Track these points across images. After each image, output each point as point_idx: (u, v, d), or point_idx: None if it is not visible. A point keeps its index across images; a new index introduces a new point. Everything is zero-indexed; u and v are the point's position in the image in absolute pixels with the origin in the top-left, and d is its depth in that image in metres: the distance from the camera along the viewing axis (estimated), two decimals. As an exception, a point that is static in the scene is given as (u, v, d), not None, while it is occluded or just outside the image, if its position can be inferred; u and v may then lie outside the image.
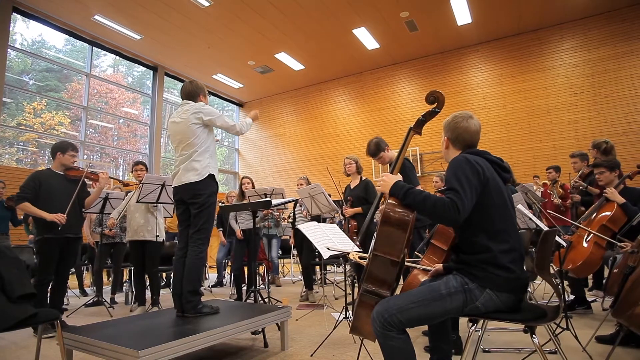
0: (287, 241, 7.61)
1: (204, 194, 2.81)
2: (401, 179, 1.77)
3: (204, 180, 2.82)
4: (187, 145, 2.87)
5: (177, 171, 2.91)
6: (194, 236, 2.81)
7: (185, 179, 2.82)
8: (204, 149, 2.88)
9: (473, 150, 1.81)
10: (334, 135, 12.15)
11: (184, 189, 2.85)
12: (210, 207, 2.84)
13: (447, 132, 1.89)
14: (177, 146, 2.96)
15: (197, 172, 2.81)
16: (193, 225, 2.83)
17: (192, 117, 2.86)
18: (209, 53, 10.22)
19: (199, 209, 2.81)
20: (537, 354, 2.49)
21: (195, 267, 2.77)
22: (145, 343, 2.04)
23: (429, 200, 1.60)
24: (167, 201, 3.97)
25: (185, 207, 2.91)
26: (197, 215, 2.82)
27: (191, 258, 2.77)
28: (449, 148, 1.89)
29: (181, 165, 2.88)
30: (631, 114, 8.47)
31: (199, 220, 2.81)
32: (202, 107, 2.91)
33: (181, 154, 2.90)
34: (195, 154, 2.84)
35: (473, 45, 10.10)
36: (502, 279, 1.61)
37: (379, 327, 1.59)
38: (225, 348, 2.91)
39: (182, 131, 2.88)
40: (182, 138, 2.90)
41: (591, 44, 8.98)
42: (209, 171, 2.85)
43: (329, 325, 3.51)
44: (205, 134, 2.91)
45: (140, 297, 4.29)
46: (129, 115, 11.63)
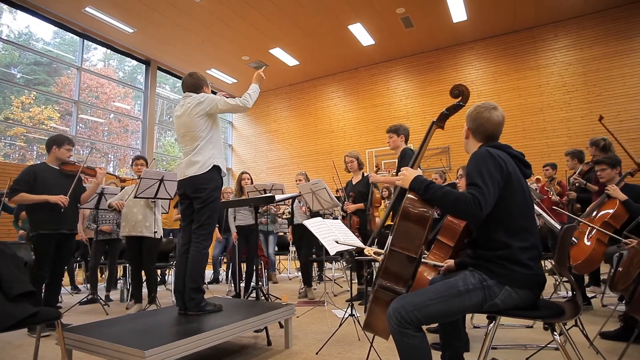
0: (284, 238, 7.56)
1: (207, 188, 2.75)
2: (422, 173, 1.73)
3: (207, 173, 2.75)
4: (191, 138, 2.82)
5: (181, 164, 2.86)
6: (197, 232, 2.75)
7: (189, 172, 2.76)
8: (207, 141, 2.81)
9: (495, 144, 1.76)
10: (328, 132, 12.10)
11: (187, 183, 2.79)
12: (214, 202, 2.78)
13: (468, 122, 1.84)
14: (181, 139, 2.91)
15: (200, 165, 2.75)
16: (196, 220, 2.77)
17: (194, 109, 2.80)
18: (203, 48, 10.07)
19: (202, 204, 2.75)
20: (544, 351, 2.52)
21: (199, 263, 2.72)
22: (150, 343, 1.99)
23: (450, 196, 1.56)
24: (165, 196, 3.89)
25: (189, 202, 2.84)
26: (200, 210, 2.76)
27: (194, 254, 2.72)
28: (469, 138, 1.85)
29: (185, 157, 2.83)
30: (622, 113, 8.57)
31: (202, 216, 2.75)
32: (202, 98, 2.84)
33: (185, 147, 2.86)
34: (199, 146, 2.78)
35: (468, 42, 10.11)
36: (521, 276, 1.58)
37: (396, 324, 1.56)
38: (228, 346, 2.86)
39: (185, 124, 2.83)
40: (185, 131, 2.84)
41: (584, 43, 9.05)
42: (213, 162, 2.78)
43: (331, 322, 3.49)
44: (208, 126, 2.84)
45: (136, 294, 4.21)
46: (121, 110, 11.43)
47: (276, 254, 6.92)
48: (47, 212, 3.32)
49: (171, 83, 12.43)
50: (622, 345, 2.61)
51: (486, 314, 1.67)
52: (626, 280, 2.37)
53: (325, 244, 2.74)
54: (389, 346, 2.60)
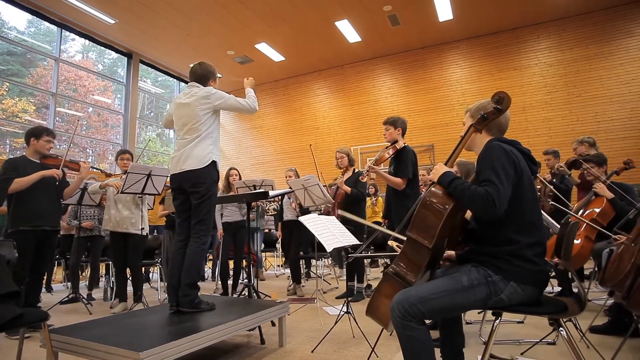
0: (269, 234, 7.50)
1: (205, 183, 2.68)
2: (453, 171, 1.73)
3: (206, 167, 2.68)
4: (190, 130, 2.74)
5: (176, 156, 2.75)
6: (196, 227, 2.68)
7: (186, 165, 2.68)
8: (206, 135, 2.73)
9: (505, 139, 1.75)
10: (313, 128, 12.06)
11: (183, 177, 2.70)
12: (212, 197, 2.72)
13: (478, 114, 1.80)
14: (180, 129, 2.81)
15: (198, 159, 2.67)
16: (194, 216, 2.70)
17: (201, 102, 2.73)
18: (187, 41, 9.86)
19: (200, 199, 2.67)
20: (537, 345, 2.56)
21: (197, 258, 2.66)
22: (144, 343, 1.91)
23: (468, 191, 1.57)
24: (152, 192, 3.77)
25: (184, 197, 2.76)
26: (198, 205, 2.68)
27: (193, 249, 2.65)
28: (482, 132, 1.82)
29: (182, 149, 2.73)
30: (600, 114, 8.83)
31: (201, 211, 2.68)
32: (212, 92, 2.78)
33: (183, 138, 2.76)
34: (198, 139, 2.70)
35: (453, 41, 10.22)
36: (527, 272, 1.59)
37: (398, 316, 1.56)
38: (221, 346, 2.79)
39: (188, 114, 2.75)
40: (186, 121, 2.76)
41: (565, 45, 9.27)
42: (211, 158, 2.71)
43: (324, 320, 3.46)
44: (211, 120, 2.78)
45: (121, 292, 4.08)
46: (100, 104, 11.09)
47: (262, 251, 6.85)
48: (28, 207, 3.17)
49: (153, 77, 12.14)
50: (611, 338, 2.69)
51: (491, 310, 1.66)
52: (617, 275, 2.42)
53: (321, 241, 2.71)
54: (383, 343, 2.59)
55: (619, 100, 8.73)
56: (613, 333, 2.78)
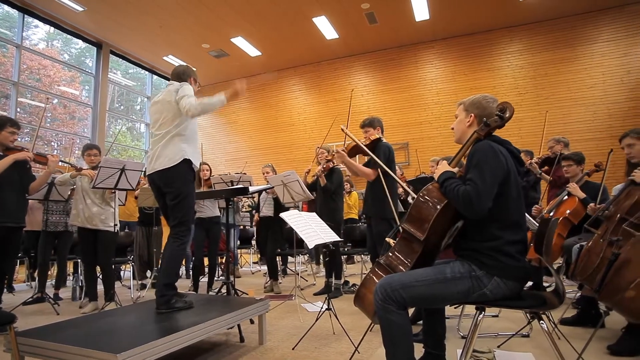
0: (245, 231, 7.41)
1: (176, 182, 2.61)
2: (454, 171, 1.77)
3: (176, 166, 2.59)
4: (161, 125, 2.68)
5: (150, 155, 2.71)
6: (175, 229, 2.62)
7: (158, 165, 2.61)
8: (177, 131, 2.65)
9: (497, 138, 1.79)
10: (288, 125, 11.98)
11: (156, 177, 2.65)
12: (188, 197, 2.65)
13: (473, 110, 1.86)
14: (153, 125, 2.76)
15: (169, 158, 2.60)
16: (172, 217, 2.65)
17: (172, 96, 2.66)
18: (161, 33, 9.56)
19: (175, 200, 2.61)
20: (513, 338, 2.64)
21: (175, 258, 2.59)
22: (122, 345, 1.83)
23: (453, 192, 1.64)
24: (126, 187, 3.63)
25: (162, 198, 2.72)
26: (174, 207, 2.62)
27: (171, 249, 2.59)
28: (472, 125, 1.86)
29: (154, 147, 2.67)
30: (567, 116, 9.19)
31: (178, 212, 2.62)
32: (181, 86, 2.70)
33: (155, 135, 2.70)
34: (169, 136, 2.63)
35: (429, 41, 10.36)
36: (510, 267, 1.63)
37: (380, 299, 1.62)
38: (200, 345, 2.72)
39: (160, 110, 2.69)
40: (158, 117, 2.70)
41: (535, 48, 9.58)
42: (183, 156, 2.61)
43: (303, 317, 3.44)
44: (180, 117, 2.67)
45: (91, 292, 3.91)
46: (67, 95, 10.59)
47: (238, 247, 6.76)
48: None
49: (123, 69, 11.70)
50: (580, 330, 2.81)
51: (475, 304, 1.70)
52: (586, 270, 2.53)
53: (303, 237, 2.69)
54: (365, 339, 2.60)
55: (583, 103, 9.12)
56: (582, 324, 2.91)
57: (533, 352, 2.39)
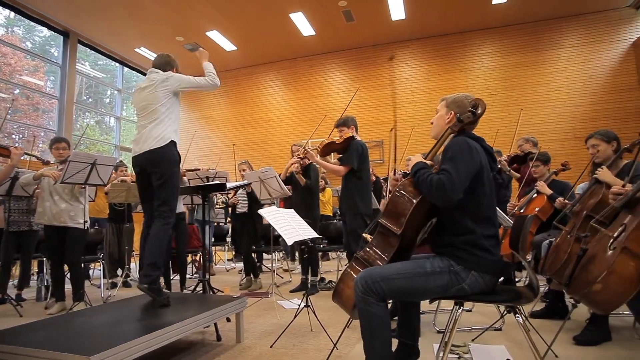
0: (219, 228, 7.31)
1: (165, 162, 2.64)
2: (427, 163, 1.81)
3: (165, 146, 2.64)
4: (150, 112, 2.71)
5: (136, 139, 2.73)
6: (159, 209, 2.61)
7: (146, 146, 2.63)
8: (166, 116, 2.71)
9: (472, 135, 1.84)
10: (264, 121, 11.87)
11: (143, 157, 2.65)
12: (173, 178, 2.67)
13: (456, 107, 1.90)
14: (140, 113, 2.77)
15: (157, 139, 2.64)
16: (157, 197, 2.64)
17: (161, 85, 2.73)
18: (133, 23, 9.23)
19: (161, 180, 2.61)
20: (487, 331, 2.72)
21: (160, 238, 2.58)
22: (94, 346, 1.77)
23: (426, 181, 1.67)
24: (97, 182, 3.49)
25: (147, 180, 2.69)
26: (160, 186, 2.62)
27: (156, 229, 2.58)
28: (450, 123, 1.90)
29: (142, 131, 2.70)
30: (534, 117, 9.53)
31: (163, 192, 2.62)
32: (170, 75, 2.81)
33: (142, 122, 2.72)
34: (157, 121, 2.68)
35: (405, 40, 10.48)
36: (487, 261, 1.68)
37: (360, 291, 1.64)
38: (176, 344, 2.65)
39: (147, 98, 2.73)
40: (146, 105, 2.73)
41: (506, 51, 9.88)
42: (170, 137, 2.69)
43: (280, 314, 3.43)
44: (170, 102, 2.76)
45: (58, 291, 3.76)
46: (30, 85, 10.07)
47: (212, 244, 6.66)
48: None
49: (92, 60, 11.23)
50: (548, 322, 2.93)
51: (453, 299, 1.74)
52: (555, 265, 2.64)
53: (282, 234, 2.67)
54: (343, 335, 2.61)
55: (549, 105, 9.49)
56: (550, 317, 3.04)
57: (505, 345, 2.47)
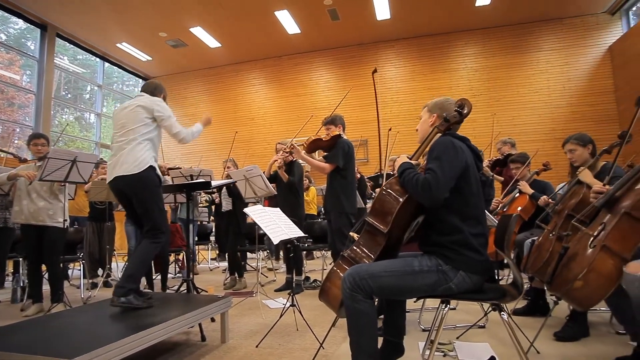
0: (202, 227, 7.23)
1: (145, 188, 2.57)
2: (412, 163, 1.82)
3: (143, 172, 2.55)
4: (128, 131, 2.62)
5: (112, 162, 2.63)
6: (149, 232, 2.57)
7: (122, 170, 2.54)
8: (145, 139, 2.64)
9: (457, 135, 1.87)
10: (248, 119, 11.78)
11: (121, 182, 2.57)
12: (157, 202, 2.61)
13: (437, 110, 1.95)
14: (117, 131, 2.67)
15: (135, 164, 2.55)
16: (146, 223, 2.59)
17: (144, 106, 2.66)
18: (115, 18, 9.01)
19: (144, 207, 2.57)
20: (471, 329, 2.76)
21: (144, 253, 2.53)
22: (76, 349, 1.71)
23: (412, 181, 1.69)
24: (78, 180, 3.39)
25: (128, 202, 2.63)
26: (145, 213, 2.57)
27: (143, 244, 2.54)
28: (434, 125, 1.93)
29: (118, 154, 2.60)
30: (516, 118, 9.73)
31: (150, 218, 2.58)
32: (158, 102, 2.75)
33: (119, 141, 2.62)
34: (135, 142, 2.58)
35: (389, 40, 10.54)
36: (475, 261, 1.69)
37: (348, 288, 1.65)
38: (159, 345, 2.60)
39: (127, 116, 2.65)
40: (125, 122, 2.64)
41: (489, 53, 10.05)
42: (148, 162, 2.60)
43: (265, 314, 3.40)
44: (152, 126, 2.70)
45: (35, 293, 3.64)
46: (4, 79, 9.73)
47: (195, 243, 6.58)
48: None
49: (71, 54, 10.92)
50: (530, 319, 2.99)
51: (440, 298, 1.75)
52: (537, 263, 2.69)
53: (268, 233, 2.65)
54: (329, 334, 2.61)
55: (531, 107, 9.70)
56: (532, 314, 3.11)
57: (489, 342, 2.51)
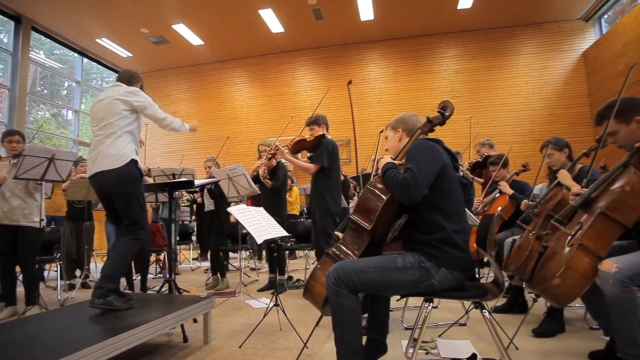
0: (184, 226, 7.13)
1: (127, 183, 2.50)
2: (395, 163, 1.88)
3: (124, 166, 2.49)
4: (107, 125, 2.54)
5: (92, 156, 2.54)
6: (129, 228, 2.51)
7: (103, 165, 2.47)
8: (125, 132, 2.56)
9: (430, 138, 1.95)
10: (231, 118, 11.68)
11: (102, 177, 2.49)
12: (138, 197, 2.55)
13: (401, 125, 2.07)
14: (96, 124, 2.59)
15: (115, 158, 2.48)
16: (125, 218, 2.52)
17: (122, 98, 2.57)
18: (95, 12, 8.78)
19: (125, 202, 2.49)
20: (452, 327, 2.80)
21: (123, 252, 2.47)
22: (51, 353, 1.67)
23: (392, 179, 1.76)
24: (55, 179, 3.29)
25: (109, 199, 2.56)
26: (125, 209, 2.50)
27: (123, 242, 2.47)
28: (402, 139, 2.04)
29: (98, 148, 2.52)
30: (496, 119, 9.94)
31: (130, 213, 2.51)
32: (136, 91, 2.66)
33: (98, 134, 2.54)
34: (114, 136, 2.51)
35: (373, 41, 10.60)
36: (457, 258, 1.74)
37: (333, 283, 1.69)
38: (139, 347, 2.55)
39: (105, 109, 2.55)
40: (103, 116, 2.55)
41: (469, 55, 10.24)
42: (130, 156, 2.54)
43: (248, 314, 3.38)
44: (131, 118, 2.63)
45: (8, 295, 3.52)
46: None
47: (177, 243, 6.49)
48: None
49: (48, 48, 10.60)
50: (510, 316, 3.06)
51: (423, 295, 1.78)
52: (517, 261, 2.76)
53: (252, 233, 2.64)
54: (312, 334, 2.61)
55: (509, 109, 9.94)
56: (511, 311, 3.18)
57: (470, 339, 2.56)
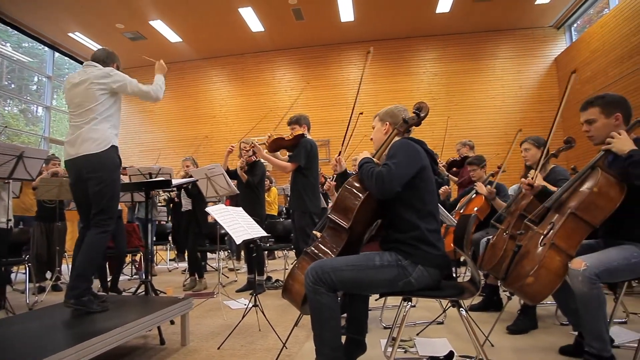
0: (161, 226, 7.00)
1: (105, 168, 2.42)
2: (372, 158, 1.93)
3: (105, 151, 2.42)
4: (86, 111, 2.45)
5: (71, 140, 2.46)
6: (96, 217, 2.39)
7: (83, 149, 2.39)
8: (105, 117, 2.48)
9: (413, 139, 1.97)
10: (209, 117, 11.53)
11: (80, 162, 2.41)
12: (114, 184, 2.47)
13: (389, 118, 2.06)
14: (73, 110, 2.50)
15: (97, 143, 2.41)
16: (95, 205, 2.41)
17: (99, 81, 2.48)
18: (68, 5, 8.48)
19: (99, 185, 2.39)
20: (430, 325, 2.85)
21: (93, 247, 2.37)
22: (23, 358, 1.61)
23: (370, 171, 1.79)
24: (24, 177, 3.17)
25: (83, 185, 2.44)
26: (98, 193, 2.39)
27: (91, 238, 2.37)
28: (388, 132, 2.04)
29: (77, 132, 2.44)
30: (472, 122, 10.16)
31: (102, 199, 2.40)
32: (112, 72, 2.56)
33: (76, 121, 2.46)
34: (95, 122, 2.43)
35: (353, 42, 10.66)
36: (432, 256, 1.78)
37: (311, 281, 1.70)
38: (114, 350, 2.48)
39: (82, 94, 2.46)
40: (81, 101, 2.47)
41: (447, 59, 10.43)
42: (111, 142, 2.47)
43: (227, 315, 3.35)
44: (110, 102, 2.54)
45: (-26, 298, 3.38)
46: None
47: (154, 244, 6.36)
48: None
49: (15, 41, 10.20)
50: (485, 314, 3.14)
51: (401, 294, 1.80)
52: (492, 260, 2.83)
53: (230, 233, 2.61)
54: (294, 334, 2.61)
55: (486, 112, 10.18)
56: (487, 309, 3.26)
57: (447, 337, 2.61)
